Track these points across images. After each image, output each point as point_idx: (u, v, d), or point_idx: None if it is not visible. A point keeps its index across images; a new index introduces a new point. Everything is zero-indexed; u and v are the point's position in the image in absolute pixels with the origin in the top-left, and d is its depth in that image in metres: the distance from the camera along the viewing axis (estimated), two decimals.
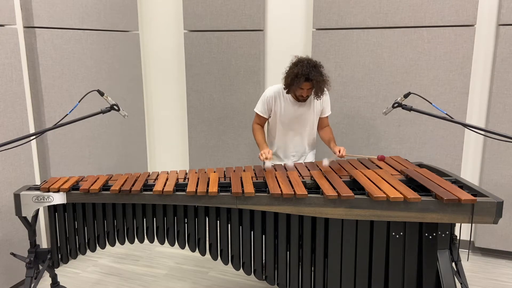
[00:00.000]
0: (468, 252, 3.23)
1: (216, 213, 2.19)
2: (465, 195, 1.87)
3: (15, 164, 2.72)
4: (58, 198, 2.19)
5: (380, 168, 2.39)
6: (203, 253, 2.26)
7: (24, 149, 2.76)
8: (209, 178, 2.26)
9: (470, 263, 3.09)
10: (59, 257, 2.32)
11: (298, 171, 2.37)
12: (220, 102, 3.62)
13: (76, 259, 3.14)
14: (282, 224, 2.11)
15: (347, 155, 2.55)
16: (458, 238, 2.16)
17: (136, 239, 2.28)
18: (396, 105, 2.33)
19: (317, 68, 2.51)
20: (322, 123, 2.83)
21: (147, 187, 2.22)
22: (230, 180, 2.24)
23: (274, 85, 2.76)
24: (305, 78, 2.47)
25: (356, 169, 2.34)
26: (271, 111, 2.74)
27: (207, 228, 2.21)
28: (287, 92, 2.64)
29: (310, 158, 2.88)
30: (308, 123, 2.75)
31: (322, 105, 2.76)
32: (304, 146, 2.81)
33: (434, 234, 1.97)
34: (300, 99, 2.65)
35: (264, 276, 2.20)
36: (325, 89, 2.64)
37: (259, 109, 2.77)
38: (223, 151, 3.71)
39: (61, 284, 2.57)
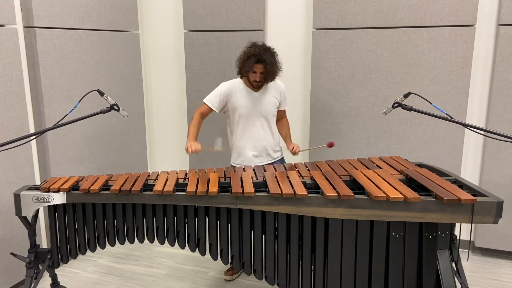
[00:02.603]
0: (468, 252, 3.23)
1: (216, 213, 2.18)
2: (465, 195, 1.87)
3: (15, 164, 2.72)
4: (58, 198, 2.19)
5: (380, 168, 2.39)
6: (203, 253, 2.25)
7: (24, 149, 2.76)
8: (209, 178, 2.26)
9: (470, 263, 3.09)
10: (59, 257, 2.32)
11: (298, 171, 2.37)
12: None
13: (76, 259, 3.14)
14: (282, 224, 2.10)
15: (301, 151, 2.76)
16: (458, 238, 2.16)
17: (136, 239, 2.28)
18: (396, 105, 2.34)
19: (269, 51, 2.57)
20: (279, 115, 2.87)
21: (147, 187, 2.22)
22: (230, 180, 2.23)
23: (229, 80, 2.77)
24: (256, 59, 2.51)
25: (356, 169, 2.34)
26: (224, 106, 2.73)
27: (207, 228, 2.21)
28: (241, 77, 2.69)
29: (278, 158, 2.88)
30: (267, 114, 2.74)
31: (281, 97, 2.79)
32: (267, 142, 2.78)
33: (434, 234, 1.97)
34: (254, 84, 2.66)
35: (264, 276, 2.20)
36: (281, 82, 2.75)
37: (209, 99, 2.71)
38: (223, 151, 3.69)
39: (61, 284, 2.56)
